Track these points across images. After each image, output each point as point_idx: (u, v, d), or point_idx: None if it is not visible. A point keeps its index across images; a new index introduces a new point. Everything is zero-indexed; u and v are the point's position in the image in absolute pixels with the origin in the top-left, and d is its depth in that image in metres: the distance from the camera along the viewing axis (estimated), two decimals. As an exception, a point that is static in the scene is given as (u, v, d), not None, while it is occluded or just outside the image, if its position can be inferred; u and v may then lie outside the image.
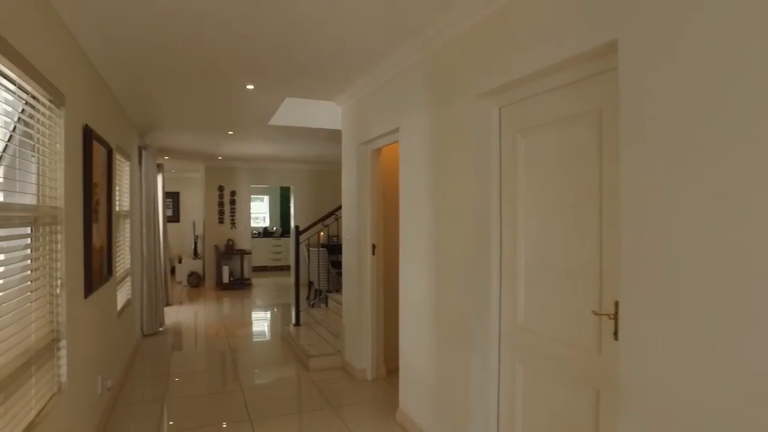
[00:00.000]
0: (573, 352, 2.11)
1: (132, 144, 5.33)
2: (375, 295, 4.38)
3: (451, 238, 2.85)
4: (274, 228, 13.20)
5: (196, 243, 10.77)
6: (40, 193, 2.42)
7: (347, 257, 4.64)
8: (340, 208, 6.10)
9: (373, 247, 4.37)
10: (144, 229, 5.69)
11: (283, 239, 12.83)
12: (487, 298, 2.62)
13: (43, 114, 2.41)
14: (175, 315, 7.18)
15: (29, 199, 2.39)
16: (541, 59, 2.10)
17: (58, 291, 2.47)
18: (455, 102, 2.81)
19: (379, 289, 4.41)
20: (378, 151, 4.38)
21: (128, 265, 4.89)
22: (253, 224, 10.95)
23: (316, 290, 7.76)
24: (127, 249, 4.88)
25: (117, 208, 4.45)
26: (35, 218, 2.39)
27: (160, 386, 4.27)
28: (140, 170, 5.75)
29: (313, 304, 6.64)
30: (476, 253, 2.64)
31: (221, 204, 10.03)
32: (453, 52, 2.81)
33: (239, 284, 9.76)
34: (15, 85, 2.10)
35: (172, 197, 12.14)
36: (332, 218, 6.15)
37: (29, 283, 2.32)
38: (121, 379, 4.19)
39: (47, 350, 2.37)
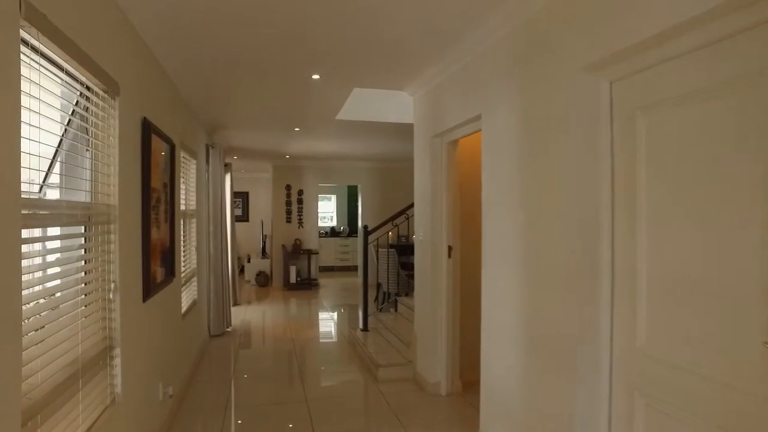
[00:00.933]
0: (725, 392, 1.61)
1: (198, 142, 5.26)
2: (451, 301, 3.97)
3: (549, 244, 2.40)
4: (341, 227, 13.09)
5: (264, 242, 10.83)
6: (94, 190, 2.24)
7: (420, 260, 4.26)
8: (411, 206, 5.75)
9: (449, 249, 3.96)
10: (211, 229, 5.62)
11: (351, 239, 12.69)
12: (596, 317, 2.14)
13: (96, 105, 2.23)
14: (242, 315, 7.14)
15: (83, 197, 2.22)
16: (674, 13, 1.62)
17: (111, 295, 2.28)
18: (552, 79, 2.36)
19: (455, 296, 4.00)
20: (454, 143, 3.97)
21: (194, 265, 4.80)
22: (320, 224, 10.87)
23: (384, 293, 7.46)
24: (193, 249, 4.79)
25: (182, 207, 4.34)
26: (89, 216, 2.21)
27: (224, 391, 4.11)
28: (207, 169, 5.69)
29: (382, 308, 6.33)
30: (581, 263, 2.18)
31: (289, 203, 9.99)
32: (550, 18, 2.35)
33: (306, 284, 9.67)
34: (65, 72, 1.91)
35: (242, 197, 12.33)
36: (402, 217, 5.80)
37: (82, 285, 2.14)
38: (185, 382, 4.06)
39: (99, 359, 2.19)
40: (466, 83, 3.30)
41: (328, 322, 6.99)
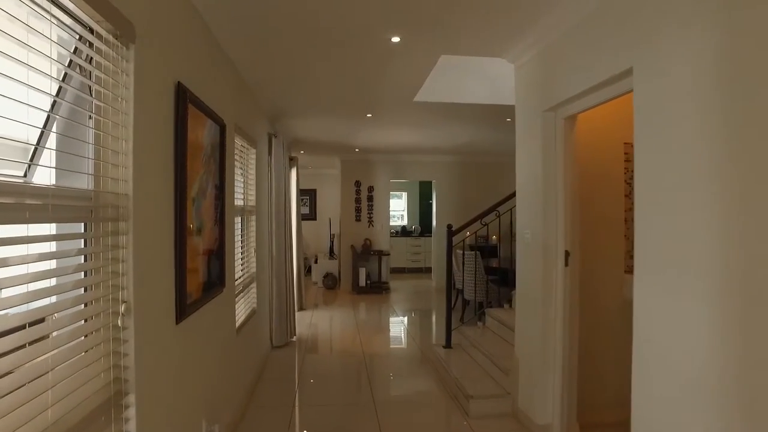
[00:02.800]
0: None
1: (259, 130, 4.67)
2: (568, 322, 3.07)
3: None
4: (413, 227, 12.33)
5: (332, 242, 10.28)
6: (97, 173, 1.59)
7: (524, 267, 3.38)
8: (500, 203, 4.87)
9: (567, 254, 3.06)
10: (273, 228, 5.03)
11: (422, 239, 11.90)
12: None
13: (100, 53, 1.58)
14: (308, 321, 6.54)
15: (83, 183, 1.58)
16: None
17: (121, 321, 1.62)
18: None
19: (573, 314, 3.09)
20: (572, 119, 3.06)
21: (254, 270, 4.19)
22: (391, 222, 10.16)
23: (464, 301, 6.60)
24: (252, 251, 4.18)
25: (239, 202, 3.74)
26: (92, 210, 1.57)
27: (283, 422, 3.44)
28: (269, 161, 5.10)
29: (467, 320, 5.48)
30: None
31: (358, 201, 9.35)
32: None
33: (377, 288, 8.97)
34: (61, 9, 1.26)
35: (309, 194, 11.88)
36: (492, 215, 4.92)
37: (81, 307, 1.50)
38: (240, 409, 3.44)
39: (102, 412, 1.53)
40: (605, 30, 2.39)
41: (401, 332, 6.23)
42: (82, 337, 1.49)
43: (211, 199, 2.62)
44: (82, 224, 1.57)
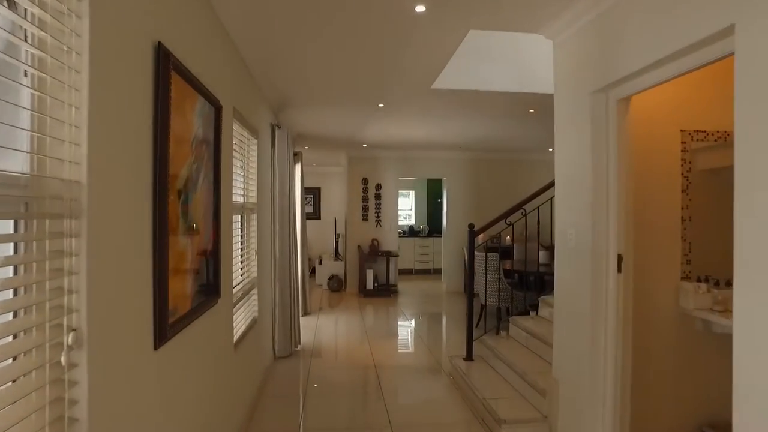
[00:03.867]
0: None
1: (261, 118, 4.23)
2: (621, 341, 2.61)
3: None
4: (420, 226, 11.88)
5: (337, 243, 9.84)
6: (39, 151, 1.15)
7: (566, 273, 2.93)
8: (527, 200, 4.42)
9: (620, 259, 2.61)
10: (277, 228, 4.59)
11: (431, 239, 11.46)
12: None
13: (39, -14, 1.13)
14: (313, 327, 6.09)
15: (14, 164, 1.14)
16: None
17: (64, 358, 1.18)
18: None
19: (627, 332, 2.64)
20: (626, 101, 2.61)
21: (254, 274, 3.75)
22: (399, 222, 9.72)
23: (482, 306, 6.15)
24: (253, 253, 3.74)
25: (242, 199, 3.30)
26: (26, 202, 1.13)
27: (290, 451, 3.00)
28: (272, 154, 4.66)
29: (486, 327, 5.02)
30: None
31: (365, 199, 8.90)
32: None
33: (384, 291, 8.52)
34: None
35: (313, 193, 11.45)
36: (517, 214, 4.47)
37: (9, 339, 1.07)
38: (239, 435, 3.00)
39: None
40: (686, -17, 1.94)
41: (414, 339, 5.78)
42: (9, 383, 1.05)
43: (205, 192, 2.18)
44: (11, 222, 1.13)
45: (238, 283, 3.26)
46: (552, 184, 4.50)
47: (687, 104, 2.97)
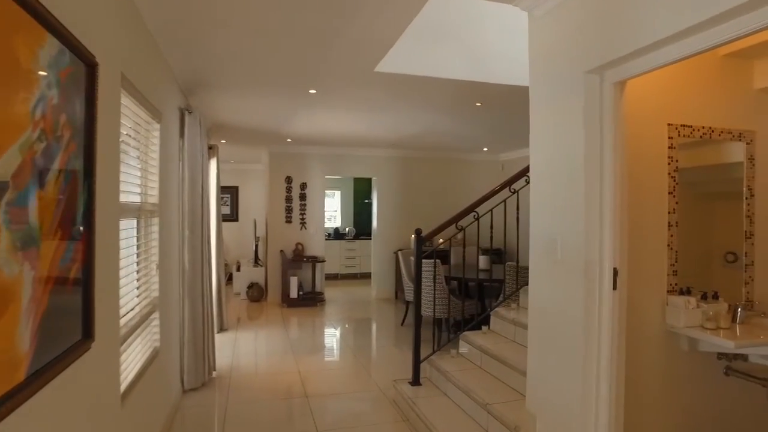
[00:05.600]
0: None
1: (167, 99, 3.41)
2: (616, 371, 2.18)
3: None
4: (347, 228, 11.27)
5: (257, 247, 8.96)
6: None
7: (543, 290, 2.46)
8: (479, 203, 3.98)
9: (615, 274, 2.17)
10: (187, 233, 3.77)
11: (358, 242, 10.90)
12: None
13: None
14: (230, 347, 5.27)
15: None
16: None
17: None
18: None
19: (621, 359, 2.21)
20: (622, 86, 2.19)
21: (155, 294, 2.95)
22: (325, 224, 9.03)
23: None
24: (154, 267, 2.94)
25: (138, 198, 2.52)
26: None
27: None
28: (182, 144, 3.84)
29: (436, 344, 4.51)
30: None
31: (289, 199, 8.13)
32: None
33: (310, 299, 7.81)
34: None
35: (230, 192, 10.45)
36: (466, 219, 4.00)
37: None
38: None
39: None
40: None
41: (348, 357, 5.15)
42: None
43: (63, 188, 1.43)
44: None
45: (132, 310, 2.47)
46: (507, 184, 4.11)
47: (674, 96, 2.62)
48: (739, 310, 2.63)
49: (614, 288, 2.18)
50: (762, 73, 2.82)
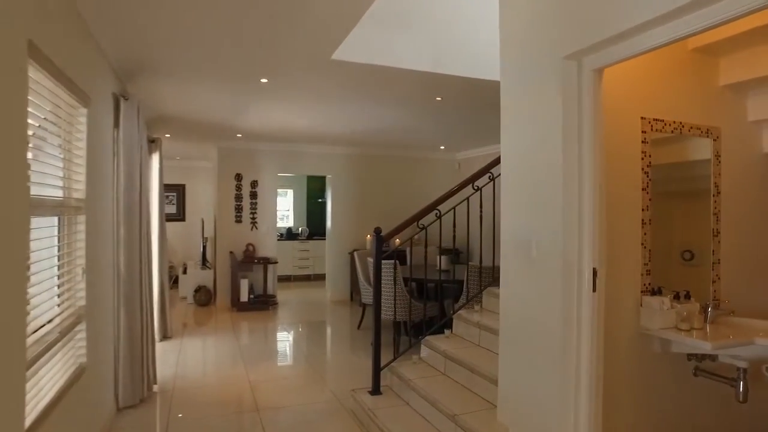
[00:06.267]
0: None
1: (98, 82, 3.04)
2: (595, 378, 2.04)
3: None
4: (299, 228, 10.92)
5: (205, 248, 8.49)
6: None
7: (515, 293, 2.30)
8: (441, 200, 3.81)
9: (594, 274, 2.03)
10: (122, 233, 3.39)
11: (311, 242, 10.59)
12: None
13: None
14: (174, 356, 4.87)
15: None
16: None
17: None
18: None
19: (600, 365, 2.07)
20: (600, 73, 2.05)
21: (81, 303, 2.58)
22: (277, 224, 8.66)
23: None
24: (80, 272, 2.57)
25: (60, 192, 2.17)
26: None
27: None
28: (116, 134, 3.45)
29: (396, 350, 4.30)
30: None
31: (239, 198, 7.72)
32: None
33: (262, 303, 7.44)
34: None
35: (176, 190, 9.88)
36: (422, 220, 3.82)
37: None
38: None
39: None
40: None
41: (304, 365, 4.87)
42: None
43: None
44: None
45: (50, 322, 2.12)
46: (469, 182, 3.96)
47: (646, 89, 2.53)
48: (710, 309, 2.57)
49: (594, 290, 2.03)
50: (726, 70, 2.79)
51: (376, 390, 3.53)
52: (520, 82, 2.27)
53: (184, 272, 8.15)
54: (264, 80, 4.05)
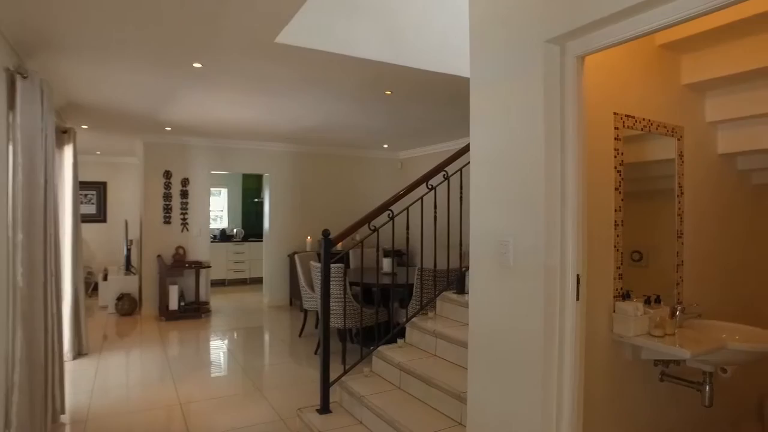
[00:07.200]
0: None
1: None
2: (577, 396, 1.85)
3: None
4: (234, 230, 10.33)
5: (129, 252, 7.76)
6: None
7: (489, 302, 2.07)
8: (393, 201, 3.56)
9: (578, 280, 1.84)
10: (20, 237, 2.85)
11: (247, 244, 10.04)
12: None
13: None
14: (90, 377, 4.29)
15: None
16: None
17: None
18: None
19: (581, 379, 1.89)
20: (582, 61, 1.87)
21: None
22: (211, 225, 8.06)
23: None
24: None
25: None
26: None
27: None
28: (11, 119, 2.91)
29: (345, 362, 3.98)
30: None
31: (168, 197, 7.09)
32: None
33: (194, 311, 6.87)
34: None
35: (96, 188, 9.01)
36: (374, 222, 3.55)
37: None
38: None
39: None
40: None
41: (243, 381, 4.44)
42: None
43: None
44: None
45: None
46: (424, 180, 3.73)
47: (618, 84, 2.39)
48: (678, 313, 2.48)
49: (577, 298, 1.84)
50: (687, 69, 2.72)
51: (325, 408, 3.21)
52: (494, 68, 2.04)
53: (105, 279, 7.39)
54: (197, 65, 3.61)
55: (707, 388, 2.41)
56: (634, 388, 2.42)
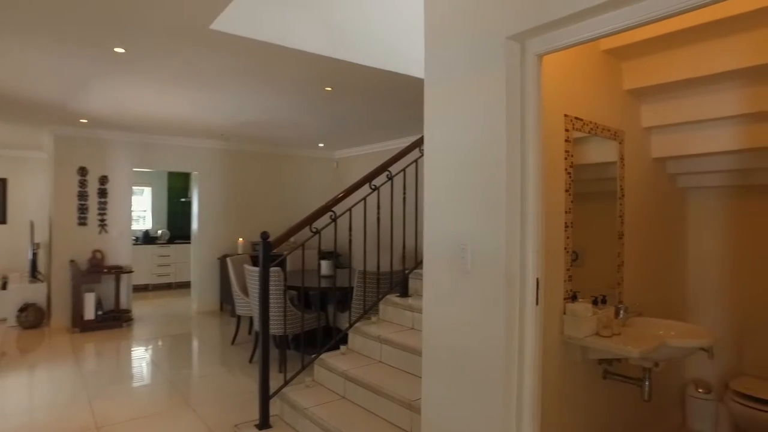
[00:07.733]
0: None
1: None
2: (538, 405, 1.81)
3: None
4: (159, 231, 9.69)
5: (35, 256, 7.01)
6: None
7: (445, 310, 1.98)
8: (336, 202, 3.42)
9: (537, 285, 1.80)
10: None
11: (172, 246, 9.46)
12: None
13: None
14: (-9, 399, 3.78)
15: None
16: None
17: None
18: None
19: (540, 385, 1.84)
20: (541, 60, 1.83)
21: None
22: (132, 226, 7.44)
23: (254, 333, 4.90)
24: None
25: None
26: None
27: None
28: None
29: (285, 371, 3.76)
30: None
31: (83, 196, 6.47)
32: None
33: (114, 320, 6.31)
34: None
35: (-5, 186, 8.09)
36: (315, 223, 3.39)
37: None
38: None
39: None
40: None
41: (171, 396, 4.09)
42: None
43: None
44: None
45: None
46: (367, 180, 3.61)
47: (567, 87, 2.40)
48: (622, 312, 2.54)
49: (537, 303, 1.80)
50: (628, 75, 2.81)
51: (264, 423, 3.00)
52: (452, 65, 1.96)
53: (4, 287, 6.62)
54: (120, 49, 3.27)
55: (647, 383, 2.48)
56: (583, 388, 2.44)
